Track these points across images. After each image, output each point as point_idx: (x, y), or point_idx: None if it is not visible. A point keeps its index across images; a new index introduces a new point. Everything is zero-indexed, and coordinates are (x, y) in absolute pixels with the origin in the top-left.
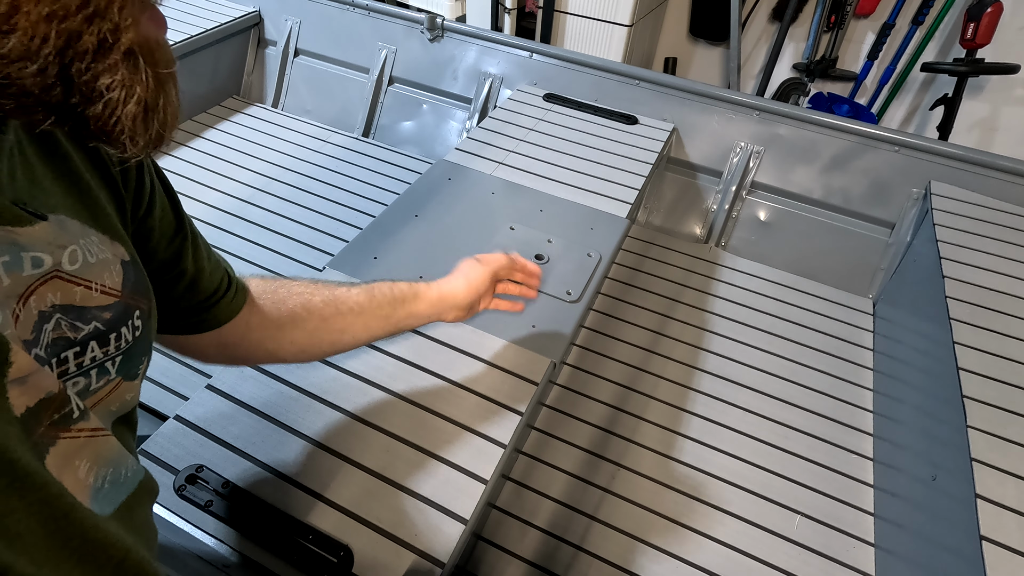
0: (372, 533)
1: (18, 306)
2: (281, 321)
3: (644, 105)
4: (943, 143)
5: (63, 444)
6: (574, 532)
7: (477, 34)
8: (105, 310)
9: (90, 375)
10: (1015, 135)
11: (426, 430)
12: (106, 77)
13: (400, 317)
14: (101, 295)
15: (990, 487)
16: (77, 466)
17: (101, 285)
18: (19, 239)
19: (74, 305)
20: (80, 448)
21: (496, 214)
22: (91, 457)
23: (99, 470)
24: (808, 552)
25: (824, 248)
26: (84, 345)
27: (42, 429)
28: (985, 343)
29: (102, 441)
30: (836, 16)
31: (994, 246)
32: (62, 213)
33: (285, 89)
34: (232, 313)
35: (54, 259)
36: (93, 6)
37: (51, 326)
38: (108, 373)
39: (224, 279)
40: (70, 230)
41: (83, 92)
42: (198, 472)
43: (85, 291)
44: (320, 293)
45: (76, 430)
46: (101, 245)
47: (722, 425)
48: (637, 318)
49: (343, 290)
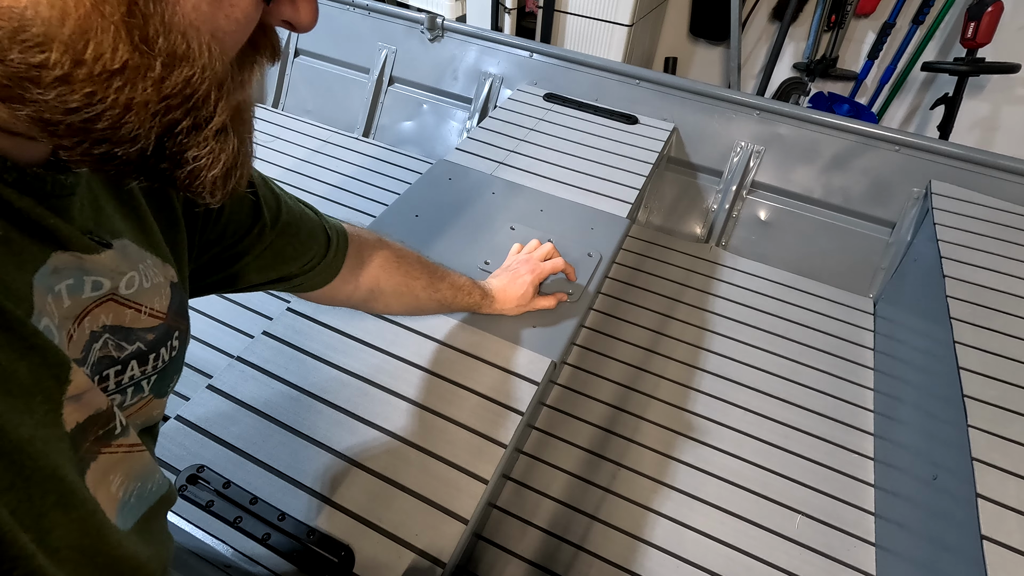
0: (373, 533)
1: (73, 326)
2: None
3: (644, 105)
4: (944, 142)
5: (103, 459)
6: (574, 532)
7: (477, 34)
8: (149, 332)
9: (126, 392)
10: (1016, 134)
11: (427, 430)
12: (195, 150)
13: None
14: (148, 317)
15: (991, 486)
16: (111, 481)
17: (150, 308)
18: (85, 265)
19: (123, 327)
20: (117, 463)
21: (496, 214)
22: (125, 472)
23: (129, 484)
24: (809, 552)
25: (825, 248)
26: (125, 364)
27: (87, 444)
28: (986, 342)
29: (137, 456)
30: (836, 15)
31: (995, 245)
32: (125, 238)
33: (285, 89)
34: (315, 286)
35: (112, 284)
36: (193, 101)
37: (99, 345)
38: (142, 391)
39: (316, 255)
40: (131, 255)
41: (172, 160)
42: (199, 472)
43: (135, 314)
44: (421, 289)
45: (116, 445)
46: (155, 268)
47: (722, 425)
48: (637, 318)
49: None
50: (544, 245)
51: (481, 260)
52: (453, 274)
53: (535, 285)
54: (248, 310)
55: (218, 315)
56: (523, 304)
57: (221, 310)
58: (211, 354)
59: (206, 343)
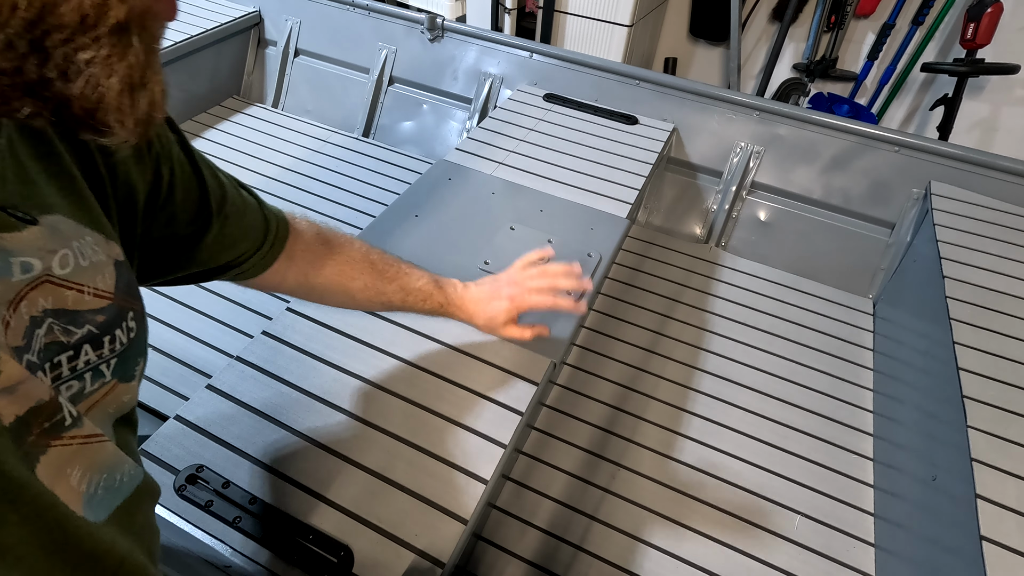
0: (372, 533)
1: (8, 312)
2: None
3: (644, 105)
4: (943, 143)
5: (54, 452)
6: (574, 532)
7: (477, 34)
8: (98, 313)
9: (84, 378)
10: (1015, 135)
11: (426, 430)
12: (87, 52)
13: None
14: (94, 298)
15: (990, 487)
16: (69, 474)
17: (93, 288)
18: (7, 244)
19: (66, 309)
20: (72, 456)
21: (496, 214)
22: (84, 464)
23: (92, 477)
24: (808, 552)
25: (824, 248)
26: (77, 349)
27: (32, 438)
28: (985, 343)
29: (96, 448)
30: (836, 16)
31: (994, 246)
32: (58, 213)
33: (285, 89)
34: (254, 274)
35: (44, 264)
36: None
37: (43, 331)
38: (103, 376)
39: (248, 249)
40: (63, 232)
41: (60, 66)
42: (198, 472)
43: (77, 295)
44: (363, 277)
45: (68, 438)
46: (96, 246)
47: (722, 425)
48: (637, 318)
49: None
50: (549, 271)
51: (481, 260)
52: (409, 276)
53: (511, 314)
54: (248, 310)
55: (218, 315)
56: (491, 328)
57: (221, 310)
58: (210, 354)
59: (206, 343)
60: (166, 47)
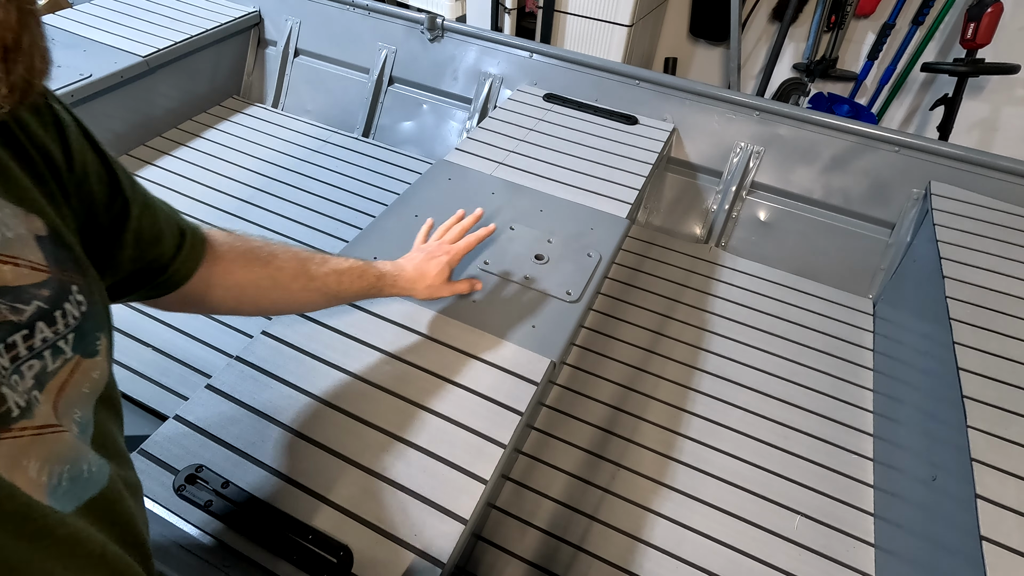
0: (372, 533)
1: None
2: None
3: (644, 105)
4: (943, 143)
5: (5, 445)
6: (574, 532)
7: (477, 34)
8: (42, 287)
9: (44, 356)
10: (1015, 135)
11: (426, 430)
12: None
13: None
14: (32, 271)
15: (990, 487)
16: (26, 466)
17: (28, 261)
18: None
19: (8, 286)
20: (26, 447)
21: (496, 214)
22: (41, 456)
23: (52, 468)
24: (808, 552)
25: (824, 248)
26: (32, 327)
27: None
28: (985, 343)
29: (52, 439)
30: (836, 16)
31: (994, 246)
32: None
33: (285, 89)
34: (184, 275)
35: None
36: None
37: None
38: (64, 352)
39: (172, 246)
40: None
41: None
42: (198, 472)
43: (13, 268)
44: (289, 268)
45: (18, 429)
46: (13, 219)
47: (722, 425)
48: (637, 318)
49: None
50: (459, 225)
51: (480, 260)
52: (336, 259)
53: (451, 267)
54: None
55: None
56: (434, 286)
57: None
58: (210, 354)
59: (205, 343)
60: (166, 47)
